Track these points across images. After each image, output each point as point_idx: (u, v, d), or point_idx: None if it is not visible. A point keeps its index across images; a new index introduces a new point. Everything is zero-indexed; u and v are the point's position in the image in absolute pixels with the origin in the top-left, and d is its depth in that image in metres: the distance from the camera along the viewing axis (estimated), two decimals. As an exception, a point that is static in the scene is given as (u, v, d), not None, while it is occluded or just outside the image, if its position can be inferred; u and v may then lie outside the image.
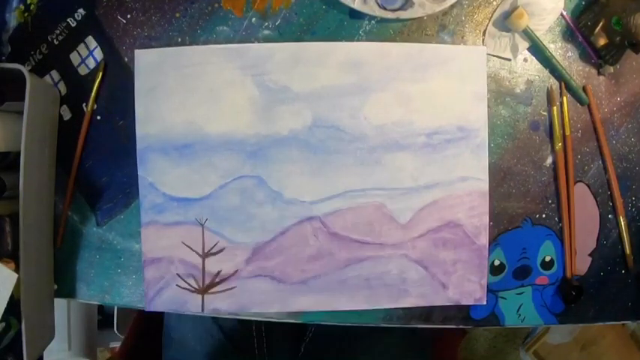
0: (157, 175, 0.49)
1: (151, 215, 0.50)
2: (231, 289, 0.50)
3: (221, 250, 0.50)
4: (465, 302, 0.51)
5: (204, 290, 0.50)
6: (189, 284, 0.50)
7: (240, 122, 0.49)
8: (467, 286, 0.51)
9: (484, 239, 0.51)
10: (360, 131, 0.49)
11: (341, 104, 0.49)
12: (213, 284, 0.50)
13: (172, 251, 0.50)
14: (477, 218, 0.50)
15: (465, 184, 0.50)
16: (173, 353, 0.66)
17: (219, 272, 0.50)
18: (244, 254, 0.50)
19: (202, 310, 0.50)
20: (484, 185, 0.50)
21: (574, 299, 0.51)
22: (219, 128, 0.49)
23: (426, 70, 0.49)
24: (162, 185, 0.50)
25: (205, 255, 0.50)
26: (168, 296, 0.50)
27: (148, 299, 0.50)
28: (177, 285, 0.50)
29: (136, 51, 0.49)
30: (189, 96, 0.49)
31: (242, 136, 0.49)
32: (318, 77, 0.49)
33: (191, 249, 0.50)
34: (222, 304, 0.50)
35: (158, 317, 0.69)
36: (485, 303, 0.51)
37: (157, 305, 0.51)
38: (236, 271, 0.50)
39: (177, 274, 0.50)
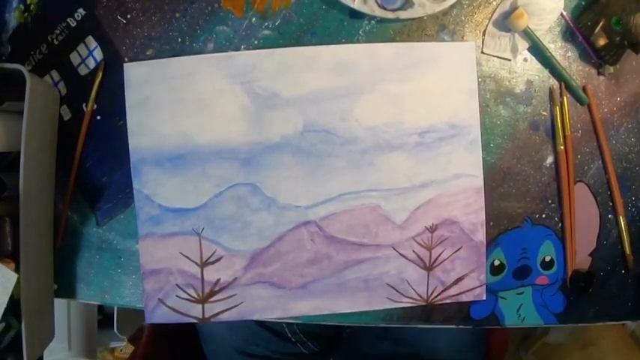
0: (152, 187, 0.49)
1: (147, 227, 0.50)
2: (231, 297, 0.50)
3: (219, 259, 0.50)
4: (465, 299, 0.51)
5: (204, 299, 0.50)
6: (189, 294, 0.50)
7: (231, 130, 0.49)
8: (466, 283, 0.51)
9: (481, 235, 0.51)
10: (351, 134, 0.49)
11: (331, 107, 0.49)
12: (213, 293, 0.50)
13: (171, 262, 0.50)
14: (473, 215, 0.50)
15: (460, 181, 0.50)
16: (212, 347, 0.66)
17: (218, 281, 0.50)
18: (242, 262, 0.50)
19: (203, 319, 0.50)
20: (479, 181, 0.50)
21: (584, 289, 0.51)
22: (212, 137, 0.49)
23: (415, 69, 0.49)
24: (157, 197, 0.49)
25: (204, 264, 0.50)
26: (169, 307, 0.50)
27: (148, 311, 0.50)
28: (177, 296, 0.50)
29: (125, 64, 0.49)
30: (179, 107, 0.49)
31: (234, 144, 0.49)
32: (307, 82, 0.49)
33: (189, 259, 0.50)
34: (222, 312, 0.50)
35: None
36: (485, 298, 0.51)
37: (158, 317, 0.50)
38: (235, 279, 0.50)
39: (177, 285, 0.50)
